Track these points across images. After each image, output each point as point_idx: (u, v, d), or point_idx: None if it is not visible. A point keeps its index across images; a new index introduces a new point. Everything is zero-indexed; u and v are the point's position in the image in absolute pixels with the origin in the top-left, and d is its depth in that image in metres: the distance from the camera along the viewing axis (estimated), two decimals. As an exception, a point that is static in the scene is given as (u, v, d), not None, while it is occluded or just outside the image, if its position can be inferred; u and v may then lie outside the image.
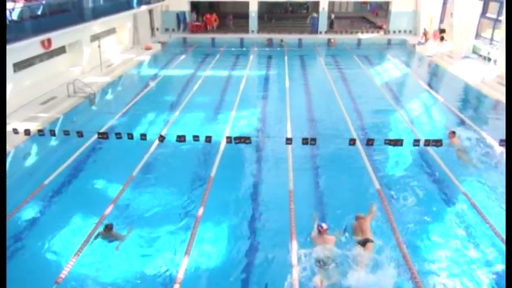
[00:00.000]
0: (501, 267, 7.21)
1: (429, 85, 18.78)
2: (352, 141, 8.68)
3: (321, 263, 7.12)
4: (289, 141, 9.15)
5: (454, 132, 11.60)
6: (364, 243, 7.31)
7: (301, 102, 16.29)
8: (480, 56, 21.85)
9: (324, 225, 7.58)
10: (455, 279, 7.03)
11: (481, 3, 22.35)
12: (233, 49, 26.76)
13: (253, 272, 7.29)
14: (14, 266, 7.01)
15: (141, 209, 9.05)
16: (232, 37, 29.30)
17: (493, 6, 21.88)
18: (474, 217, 8.62)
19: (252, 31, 30.93)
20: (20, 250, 7.76)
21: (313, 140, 8.47)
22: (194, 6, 32.32)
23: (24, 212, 8.84)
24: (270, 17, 34.70)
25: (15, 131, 9.37)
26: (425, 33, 26.99)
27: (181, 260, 7.27)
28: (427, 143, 8.42)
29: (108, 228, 7.85)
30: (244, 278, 7.17)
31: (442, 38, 23.82)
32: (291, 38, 29.19)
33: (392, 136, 12.45)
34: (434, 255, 7.59)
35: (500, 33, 19.20)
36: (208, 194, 9.33)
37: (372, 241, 7.45)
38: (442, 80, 20.36)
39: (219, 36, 29.59)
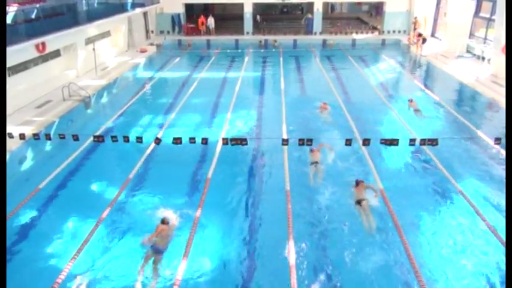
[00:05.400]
0: (497, 265, 7.25)
1: (424, 84, 18.87)
2: (348, 141, 8.70)
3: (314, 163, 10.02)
4: (285, 142, 9.16)
5: (411, 100, 15.12)
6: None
7: (297, 103, 16.30)
8: (474, 55, 21.98)
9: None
10: (454, 277, 7.07)
11: (474, 2, 22.48)
12: (228, 51, 26.77)
13: (251, 274, 7.28)
14: (9, 271, 6.93)
15: (138, 212, 9.03)
16: (227, 39, 29.32)
17: (486, 6, 22.01)
18: (470, 215, 8.66)
19: (247, 33, 30.94)
20: (15, 255, 7.72)
21: (310, 140, 8.47)
22: (189, 8, 32.26)
23: (19, 216, 8.79)
24: (265, 19, 34.72)
25: (10, 135, 9.33)
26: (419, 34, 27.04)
27: (180, 262, 7.26)
28: (423, 142, 8.45)
29: None
30: (242, 279, 7.17)
31: (424, 40, 24.01)
32: (285, 39, 29.24)
33: (388, 135, 12.46)
34: (432, 253, 7.63)
35: (493, 33, 19.32)
36: (206, 196, 9.33)
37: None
38: (436, 79, 20.44)
39: (214, 38, 29.59)
